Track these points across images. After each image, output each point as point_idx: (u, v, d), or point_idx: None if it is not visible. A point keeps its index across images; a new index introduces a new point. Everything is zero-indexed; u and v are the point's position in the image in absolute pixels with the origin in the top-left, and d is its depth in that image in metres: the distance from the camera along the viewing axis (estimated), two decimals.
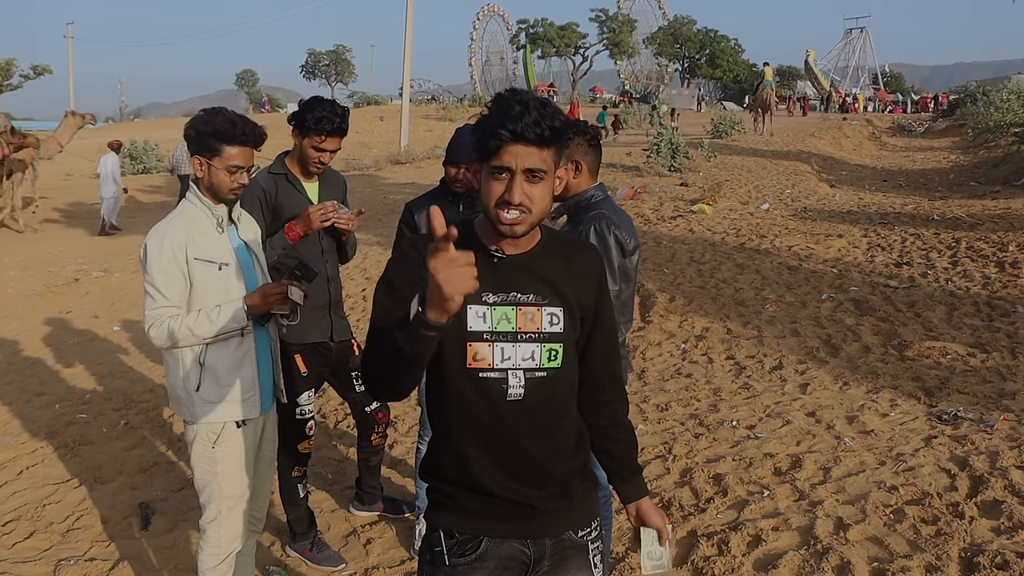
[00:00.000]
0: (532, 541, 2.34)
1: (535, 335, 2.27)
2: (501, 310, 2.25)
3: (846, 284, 10.00)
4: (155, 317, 3.32)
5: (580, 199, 3.76)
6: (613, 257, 3.58)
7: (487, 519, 2.31)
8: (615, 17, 62.34)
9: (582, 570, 2.41)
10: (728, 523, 4.71)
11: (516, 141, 2.11)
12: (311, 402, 4.56)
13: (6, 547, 4.88)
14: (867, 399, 6.52)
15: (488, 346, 2.23)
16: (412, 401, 7.00)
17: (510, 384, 2.25)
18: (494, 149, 2.12)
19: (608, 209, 3.71)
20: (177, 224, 3.42)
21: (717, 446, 5.81)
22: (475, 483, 2.29)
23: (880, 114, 61.93)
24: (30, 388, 7.66)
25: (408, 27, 34.19)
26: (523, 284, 2.29)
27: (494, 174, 2.15)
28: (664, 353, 8.03)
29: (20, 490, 5.62)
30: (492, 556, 2.30)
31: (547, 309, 2.29)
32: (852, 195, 18.70)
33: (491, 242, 2.28)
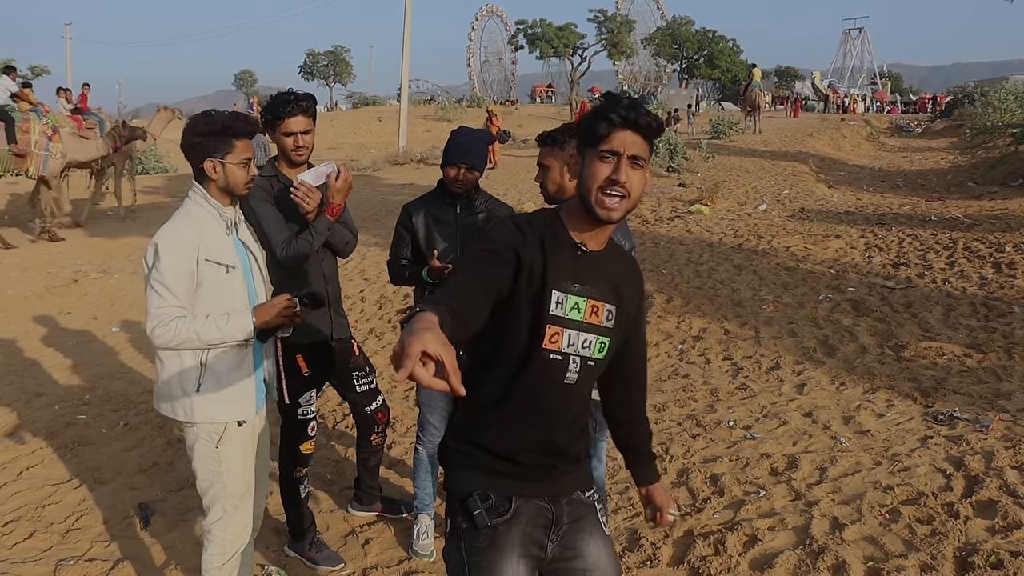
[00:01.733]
0: (551, 500, 2.54)
1: (596, 327, 2.49)
2: (574, 299, 2.44)
3: (843, 285, 10.04)
4: (161, 316, 3.31)
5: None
6: None
7: (515, 479, 2.50)
8: (613, 18, 62.20)
9: (596, 527, 2.61)
10: (725, 523, 4.73)
11: (626, 127, 2.33)
12: (312, 402, 4.56)
13: (6, 547, 4.89)
14: (863, 399, 6.55)
15: (561, 330, 2.43)
16: (411, 402, 7.04)
17: (569, 368, 2.47)
18: (604, 134, 2.33)
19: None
20: (188, 224, 3.43)
21: (714, 446, 5.84)
22: (506, 451, 2.49)
23: (878, 114, 61.93)
24: (29, 389, 7.67)
25: (407, 28, 34.17)
26: (595, 279, 2.50)
27: (603, 157, 2.35)
28: (661, 354, 8.06)
29: (20, 491, 5.64)
30: (523, 513, 2.47)
31: (607, 305, 2.51)
32: (850, 196, 18.74)
33: (578, 235, 2.48)
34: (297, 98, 4.21)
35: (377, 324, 9.57)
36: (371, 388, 4.92)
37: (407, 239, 4.52)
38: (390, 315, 9.85)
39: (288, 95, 4.23)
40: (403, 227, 4.54)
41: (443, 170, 4.41)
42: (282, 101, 4.19)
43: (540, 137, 3.93)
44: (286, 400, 4.41)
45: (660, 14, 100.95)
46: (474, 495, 2.45)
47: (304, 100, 4.23)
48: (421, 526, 4.68)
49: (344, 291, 10.92)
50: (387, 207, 18.80)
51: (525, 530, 2.46)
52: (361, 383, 4.87)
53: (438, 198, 4.49)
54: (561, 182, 3.85)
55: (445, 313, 2.01)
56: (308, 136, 4.26)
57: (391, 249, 4.63)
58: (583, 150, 2.41)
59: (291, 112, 4.18)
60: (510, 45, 74.93)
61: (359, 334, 9.23)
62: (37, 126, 14.92)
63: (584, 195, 2.40)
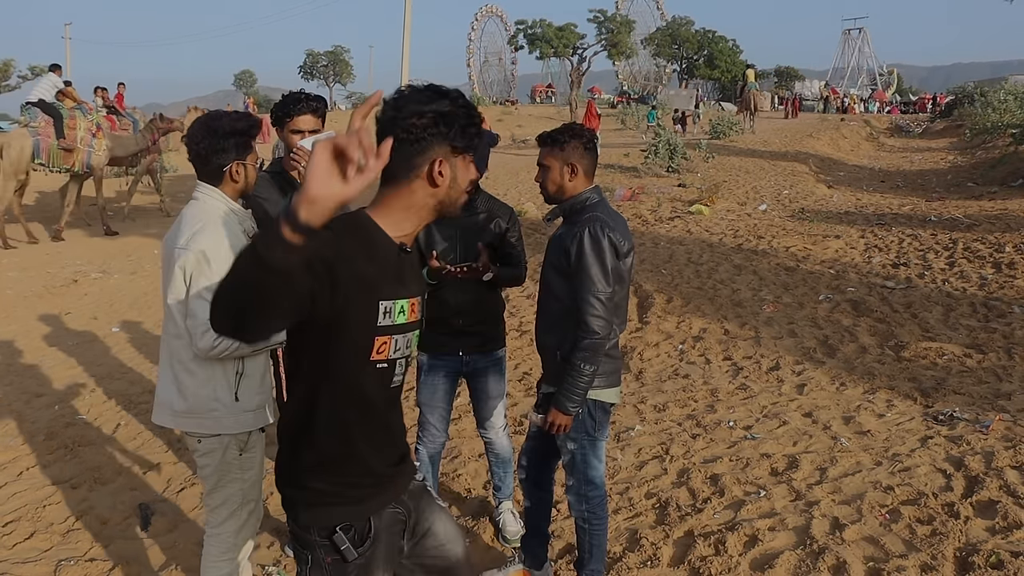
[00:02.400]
0: (399, 502, 2.55)
1: (414, 323, 2.42)
2: (400, 304, 2.32)
3: (843, 285, 10.04)
4: None
5: (575, 201, 3.82)
6: (607, 259, 3.61)
7: (369, 499, 2.44)
8: (613, 18, 62.10)
9: (433, 503, 2.68)
10: (725, 523, 4.73)
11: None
12: None
13: (6, 547, 4.89)
14: (864, 400, 6.55)
15: (390, 339, 2.31)
16: (410, 401, 7.02)
17: (396, 372, 2.40)
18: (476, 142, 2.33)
19: (603, 212, 3.75)
20: (223, 229, 3.36)
21: (714, 447, 5.83)
22: (357, 474, 2.42)
23: (878, 114, 61.91)
24: (29, 389, 7.67)
25: (407, 28, 34.18)
26: (412, 275, 2.42)
27: (473, 160, 2.36)
28: (662, 354, 8.05)
29: (20, 491, 5.63)
30: (383, 530, 2.46)
31: (420, 299, 2.45)
32: (850, 196, 18.74)
33: (398, 236, 2.32)
34: (308, 98, 4.28)
35: None
36: None
37: None
38: None
39: (300, 94, 4.31)
40: None
41: None
42: (293, 99, 4.27)
43: (540, 137, 3.93)
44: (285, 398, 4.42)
45: (660, 14, 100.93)
46: (338, 530, 2.38)
47: (315, 100, 4.30)
48: None
49: None
50: None
51: (387, 545, 2.47)
52: None
53: None
54: (561, 182, 3.84)
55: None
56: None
57: None
58: (457, 154, 2.29)
59: (301, 110, 4.25)
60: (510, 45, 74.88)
61: None
62: (82, 123, 15.36)
63: (455, 197, 2.33)
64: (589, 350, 3.61)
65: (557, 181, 3.84)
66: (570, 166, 3.80)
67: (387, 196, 2.29)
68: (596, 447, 3.96)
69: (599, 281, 3.59)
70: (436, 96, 2.23)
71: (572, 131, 3.85)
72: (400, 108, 2.21)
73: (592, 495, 3.97)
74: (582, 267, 3.61)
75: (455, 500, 5.33)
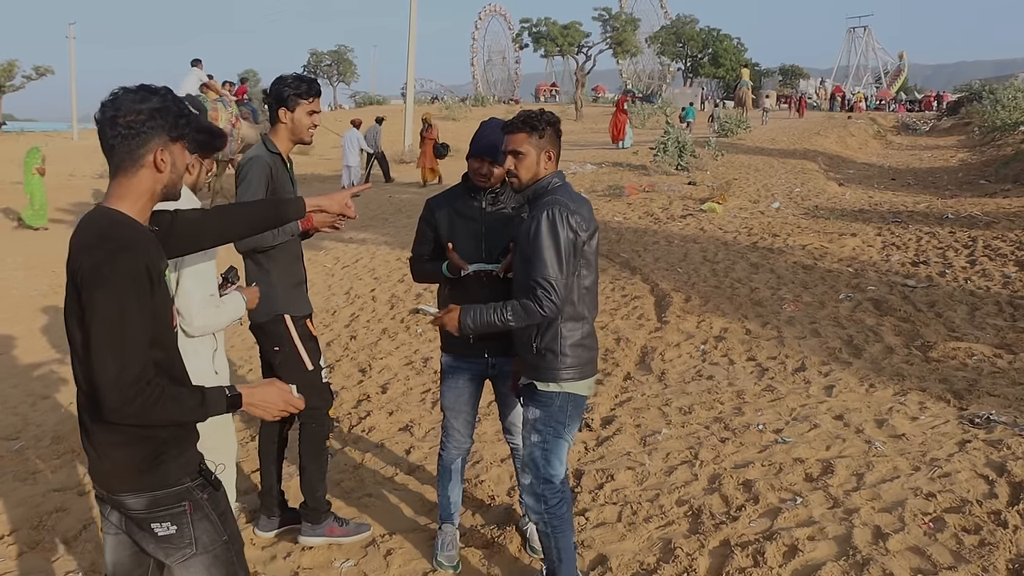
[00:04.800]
0: None
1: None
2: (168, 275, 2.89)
3: (863, 283, 9.84)
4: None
5: (539, 186, 3.72)
6: (561, 243, 3.53)
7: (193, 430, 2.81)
8: (618, 16, 61.93)
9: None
10: (762, 532, 4.53)
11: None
12: (326, 366, 4.60)
13: (10, 558, 4.71)
14: (895, 401, 6.34)
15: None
16: (428, 405, 6.85)
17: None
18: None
19: (564, 195, 3.66)
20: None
21: (744, 451, 5.63)
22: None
23: (884, 112, 61.67)
24: (35, 391, 7.50)
25: (411, 27, 34.01)
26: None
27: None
28: (683, 354, 7.85)
29: (27, 496, 5.46)
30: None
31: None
32: (862, 194, 18.54)
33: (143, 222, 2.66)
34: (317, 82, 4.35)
35: (390, 324, 9.37)
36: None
37: (429, 235, 4.34)
38: (402, 315, 9.66)
39: (311, 76, 4.33)
40: (425, 222, 4.36)
41: (467, 161, 4.22)
42: (310, 80, 4.28)
43: (513, 123, 3.71)
44: (309, 366, 4.45)
45: (664, 13, 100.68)
46: (202, 465, 2.73)
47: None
48: (446, 536, 4.48)
49: (355, 290, 10.77)
50: (394, 205, 18.65)
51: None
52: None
53: (462, 192, 4.29)
54: (537, 170, 3.70)
55: None
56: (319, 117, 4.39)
57: (413, 245, 4.46)
58: (174, 142, 2.57)
59: (319, 92, 4.27)
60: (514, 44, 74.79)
61: (372, 334, 9.05)
62: (223, 114, 16.46)
63: (176, 180, 2.62)
64: (522, 313, 3.57)
65: (533, 169, 3.70)
66: (547, 153, 3.70)
67: (121, 188, 2.52)
68: (559, 446, 3.76)
69: (552, 265, 3.51)
70: (148, 94, 2.49)
71: (546, 117, 3.72)
72: (118, 108, 2.46)
73: (551, 496, 3.77)
74: (536, 249, 3.53)
75: (478, 507, 5.13)
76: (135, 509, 2.59)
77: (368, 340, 8.85)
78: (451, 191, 4.36)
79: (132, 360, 2.36)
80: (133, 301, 2.38)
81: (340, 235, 13.32)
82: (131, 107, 2.45)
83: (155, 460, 2.56)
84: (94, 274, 2.36)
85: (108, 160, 2.52)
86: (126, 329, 2.36)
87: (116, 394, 2.35)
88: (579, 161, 24.75)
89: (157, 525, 2.60)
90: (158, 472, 2.57)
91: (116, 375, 2.34)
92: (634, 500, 5.02)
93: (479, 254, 4.12)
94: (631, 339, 8.29)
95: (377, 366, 8.00)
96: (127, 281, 2.38)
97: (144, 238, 2.51)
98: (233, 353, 8.61)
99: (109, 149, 2.50)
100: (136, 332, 2.39)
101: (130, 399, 2.36)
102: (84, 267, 2.39)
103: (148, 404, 2.38)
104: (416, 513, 5.11)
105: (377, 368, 7.94)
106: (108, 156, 2.51)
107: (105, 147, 2.50)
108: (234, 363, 8.31)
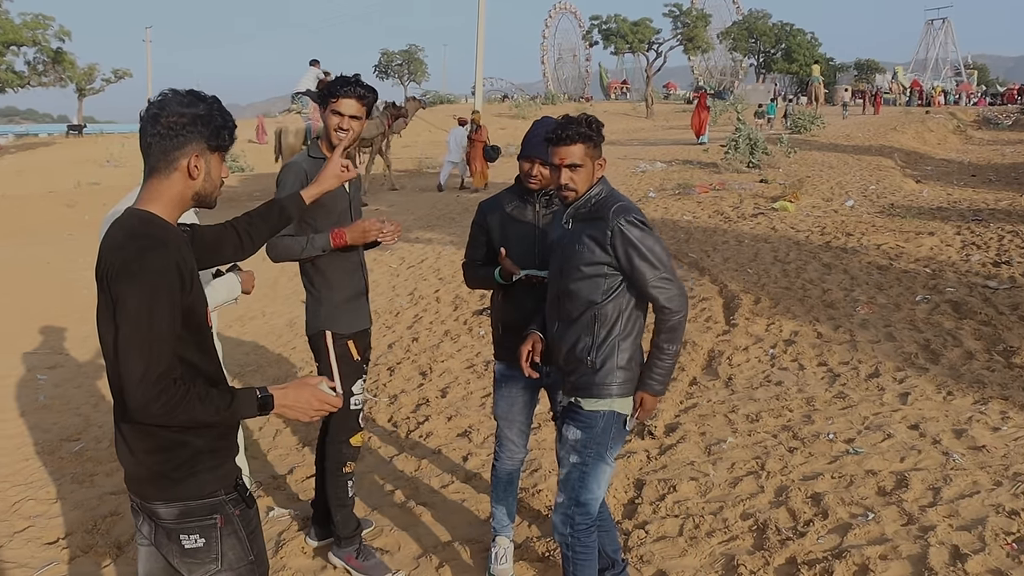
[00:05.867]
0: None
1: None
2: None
3: (941, 285, 9.47)
4: None
5: (590, 196, 3.56)
6: (658, 237, 3.48)
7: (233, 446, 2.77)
8: (689, 12, 61.34)
9: None
10: (831, 549, 4.32)
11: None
12: (363, 391, 4.44)
13: (64, 561, 4.70)
14: (975, 411, 6.04)
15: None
16: (488, 409, 6.72)
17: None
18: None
19: (622, 199, 3.55)
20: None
21: (814, 461, 5.40)
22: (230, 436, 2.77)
23: (964, 107, 60.07)
24: (98, 392, 7.55)
25: (480, 26, 34.00)
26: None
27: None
28: (752, 359, 7.60)
29: (82, 500, 5.46)
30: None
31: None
32: (940, 191, 17.98)
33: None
34: (358, 83, 4.18)
35: (452, 326, 9.28)
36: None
37: (482, 239, 4.23)
38: (466, 316, 9.56)
39: (351, 78, 4.21)
40: (477, 226, 4.25)
41: (518, 163, 4.08)
42: (342, 82, 4.18)
43: (566, 134, 3.45)
44: (339, 391, 4.23)
45: (736, 8, 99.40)
46: (239, 479, 2.68)
47: (362, 87, 4.19)
48: (499, 549, 4.35)
49: (419, 290, 10.70)
50: (461, 204, 18.60)
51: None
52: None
53: (515, 195, 4.17)
54: (592, 181, 3.55)
55: None
56: (356, 123, 4.16)
57: (466, 250, 4.35)
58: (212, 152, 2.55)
59: (346, 93, 4.13)
60: (584, 41, 74.51)
61: (434, 336, 8.97)
62: None
63: (211, 189, 2.59)
64: (672, 330, 3.45)
65: (590, 180, 3.55)
66: (599, 163, 3.57)
67: (153, 190, 2.50)
68: (599, 469, 3.58)
69: (662, 262, 3.41)
70: (196, 100, 2.50)
71: (596, 124, 3.55)
72: (163, 107, 2.46)
73: (580, 520, 3.60)
74: (639, 257, 3.39)
75: (534, 518, 4.99)
76: (166, 519, 2.56)
77: (430, 342, 8.76)
78: (504, 193, 4.23)
79: (158, 357, 2.33)
80: (162, 298, 2.34)
81: (406, 235, 13.30)
82: (176, 109, 2.46)
83: (190, 469, 2.53)
84: (122, 271, 2.34)
85: (144, 159, 2.50)
86: (154, 326, 2.32)
87: (141, 392, 2.31)
88: (648, 159, 24.47)
89: (185, 537, 2.56)
90: (192, 482, 2.54)
91: (142, 373, 2.31)
92: (697, 513, 4.83)
93: (533, 259, 3.98)
94: (698, 342, 8.08)
95: (438, 369, 7.90)
96: (156, 278, 2.34)
97: (175, 237, 2.50)
98: (295, 356, 8.60)
99: (146, 147, 2.49)
100: (163, 329, 2.35)
101: (155, 397, 2.32)
102: (113, 265, 2.35)
103: (173, 403, 2.34)
104: (471, 523, 4.99)
105: (438, 371, 7.84)
106: (144, 155, 2.50)
107: (143, 145, 2.49)
108: (295, 365, 8.29)
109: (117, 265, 2.35)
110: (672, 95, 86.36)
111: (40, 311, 10.85)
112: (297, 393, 2.63)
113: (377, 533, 4.91)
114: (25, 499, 5.52)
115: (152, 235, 2.40)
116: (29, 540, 4.97)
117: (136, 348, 2.31)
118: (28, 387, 7.95)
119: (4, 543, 4.92)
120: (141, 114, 2.50)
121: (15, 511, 5.37)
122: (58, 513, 5.31)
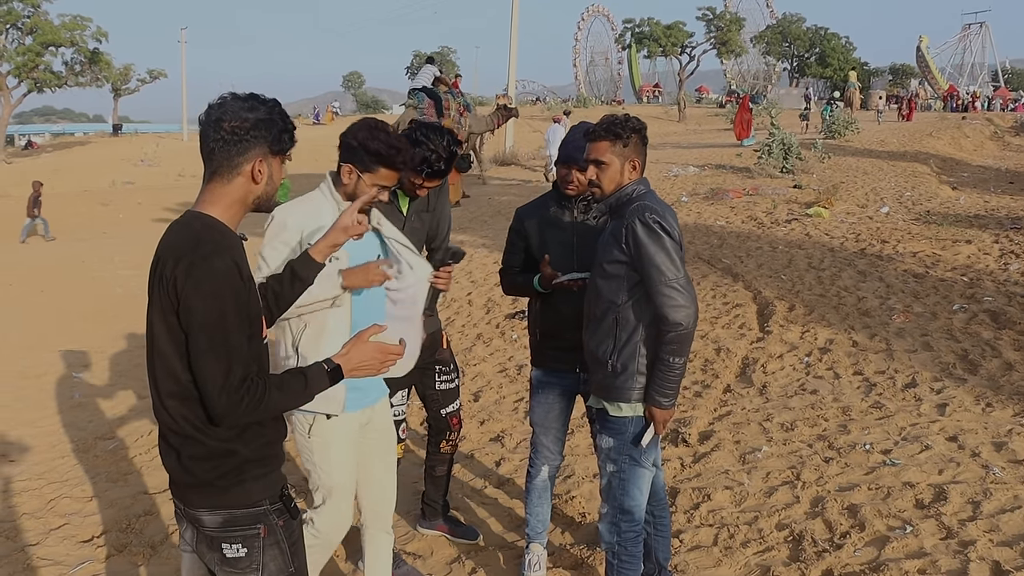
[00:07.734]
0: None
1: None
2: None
3: (979, 294, 9.34)
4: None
5: (621, 194, 3.53)
6: (667, 244, 3.35)
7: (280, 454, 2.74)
8: (722, 16, 61.10)
9: None
10: (868, 563, 4.26)
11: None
12: (404, 403, 4.43)
13: (99, 560, 4.73)
14: (1015, 423, 5.95)
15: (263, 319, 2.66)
16: (520, 414, 6.71)
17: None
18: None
19: (651, 200, 3.47)
20: (305, 208, 3.47)
21: (850, 472, 5.34)
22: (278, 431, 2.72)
23: (1001, 113, 59.33)
24: (131, 390, 7.60)
25: (513, 29, 34.00)
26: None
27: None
28: (786, 367, 7.54)
29: (118, 498, 5.50)
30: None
31: None
32: (977, 198, 17.76)
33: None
34: (448, 160, 4.06)
35: (485, 329, 9.27)
36: (452, 388, 4.68)
37: (519, 245, 4.22)
38: (498, 320, 9.55)
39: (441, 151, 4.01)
40: (515, 233, 4.23)
41: (556, 169, 4.07)
42: (426, 161, 4.00)
43: (595, 131, 3.51)
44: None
45: (770, 12, 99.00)
46: (284, 490, 2.65)
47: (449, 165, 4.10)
48: (533, 556, 4.34)
49: (451, 293, 10.68)
50: (494, 207, 18.61)
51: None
52: (442, 379, 4.63)
53: (553, 201, 4.15)
54: (620, 180, 3.52)
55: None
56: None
57: (503, 256, 4.33)
58: (274, 155, 2.54)
59: (433, 175, 4.10)
60: (617, 44, 74.38)
61: (466, 339, 8.96)
62: (453, 104, 17.96)
63: (271, 193, 2.58)
64: (676, 343, 3.35)
65: (616, 180, 3.51)
66: (632, 163, 3.51)
67: (214, 193, 2.49)
68: (637, 474, 3.55)
69: (668, 269, 3.33)
70: (257, 104, 2.48)
71: (631, 124, 3.52)
72: (224, 112, 2.45)
73: (626, 527, 3.58)
74: (645, 259, 3.34)
75: (568, 525, 4.96)
76: (209, 527, 2.54)
77: (462, 346, 8.76)
78: (541, 199, 4.22)
79: (236, 362, 2.35)
80: (231, 303, 2.35)
81: None
82: (238, 114, 2.45)
83: (237, 477, 2.51)
84: (190, 280, 2.32)
85: (205, 164, 2.49)
86: (228, 331, 2.34)
87: (226, 398, 2.34)
88: (681, 163, 24.37)
89: (227, 546, 2.54)
90: (238, 490, 2.52)
91: (224, 379, 2.33)
92: (731, 522, 4.79)
93: (571, 264, 3.96)
94: (732, 349, 8.02)
95: (470, 373, 7.90)
96: (224, 284, 2.34)
97: (235, 242, 2.48)
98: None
99: (208, 152, 2.48)
100: (237, 334, 2.36)
101: (238, 401, 2.35)
102: (177, 273, 2.33)
103: (255, 401, 2.37)
104: (504, 529, 4.98)
105: (470, 375, 7.83)
106: (206, 160, 2.49)
107: (204, 150, 2.49)
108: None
109: (182, 274, 2.32)
110: (704, 99, 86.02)
111: (75, 309, 10.96)
112: (360, 353, 2.66)
113: (410, 538, 4.90)
114: (61, 496, 5.57)
115: (215, 241, 2.39)
116: (64, 538, 5.01)
117: (213, 355, 2.32)
118: (64, 385, 8.03)
119: (40, 540, 4.96)
120: (200, 118, 2.49)
121: (51, 508, 5.42)
122: (93, 511, 5.35)
